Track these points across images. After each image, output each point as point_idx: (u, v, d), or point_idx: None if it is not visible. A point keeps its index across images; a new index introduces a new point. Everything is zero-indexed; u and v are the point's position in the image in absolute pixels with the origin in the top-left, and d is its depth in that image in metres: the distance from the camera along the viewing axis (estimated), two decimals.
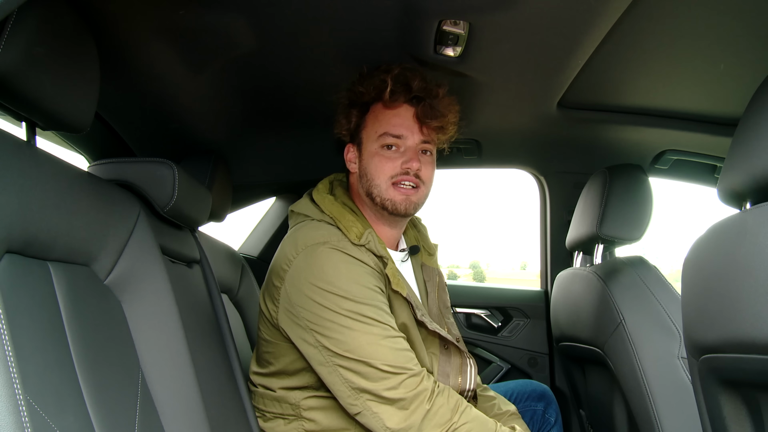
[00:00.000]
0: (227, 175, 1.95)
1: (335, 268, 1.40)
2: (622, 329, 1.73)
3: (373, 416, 1.35)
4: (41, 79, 0.87)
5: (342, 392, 1.37)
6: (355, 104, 1.59)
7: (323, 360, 1.38)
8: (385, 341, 1.37)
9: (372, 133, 1.55)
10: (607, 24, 1.38)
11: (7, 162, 0.79)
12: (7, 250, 0.78)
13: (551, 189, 2.54)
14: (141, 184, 1.27)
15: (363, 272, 1.43)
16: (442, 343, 1.56)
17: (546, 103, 1.90)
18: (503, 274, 9.92)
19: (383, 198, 1.53)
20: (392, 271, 1.48)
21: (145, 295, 1.12)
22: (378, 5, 1.37)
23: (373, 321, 1.38)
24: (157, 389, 1.09)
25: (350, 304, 1.37)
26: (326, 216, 1.52)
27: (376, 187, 1.53)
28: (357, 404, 1.36)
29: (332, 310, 1.37)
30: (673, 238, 5.77)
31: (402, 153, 1.53)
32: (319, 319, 1.38)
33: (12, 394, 0.64)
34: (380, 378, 1.34)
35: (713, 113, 1.98)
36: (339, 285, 1.38)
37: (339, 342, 1.36)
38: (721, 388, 1.03)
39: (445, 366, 1.54)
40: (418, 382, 1.36)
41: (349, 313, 1.37)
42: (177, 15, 1.35)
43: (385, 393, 1.34)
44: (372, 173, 1.54)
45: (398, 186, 1.53)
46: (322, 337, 1.38)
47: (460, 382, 1.55)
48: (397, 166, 1.52)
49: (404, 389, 1.34)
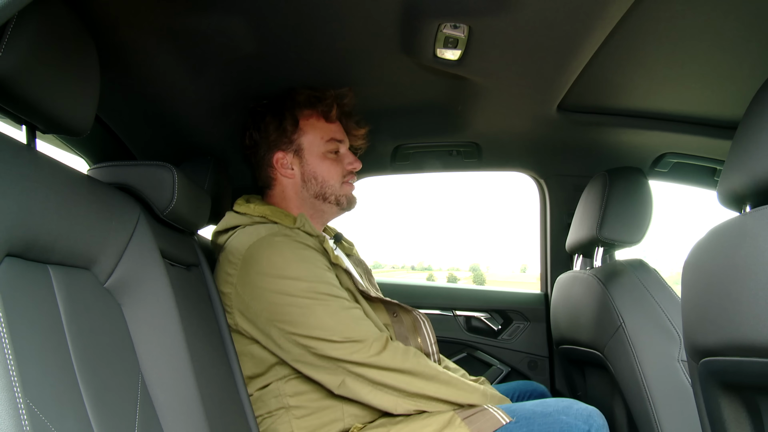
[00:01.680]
0: (227, 178, 1.95)
1: (282, 255, 1.48)
2: (622, 332, 1.73)
3: (356, 379, 1.43)
4: (41, 82, 0.88)
5: (318, 371, 1.44)
6: (287, 116, 1.68)
7: (293, 346, 1.44)
8: (344, 312, 1.46)
9: (316, 140, 1.70)
10: (607, 27, 1.38)
11: (7, 165, 0.79)
12: (7, 254, 0.78)
13: (551, 192, 2.54)
14: (141, 188, 1.27)
15: (308, 254, 1.51)
16: (389, 311, 1.63)
17: (546, 106, 1.90)
18: (503, 277, 9.93)
19: (338, 195, 1.71)
20: (329, 246, 1.57)
21: (145, 299, 1.12)
22: (377, 8, 1.38)
23: (328, 296, 1.46)
24: (157, 392, 1.09)
25: (304, 284, 1.45)
26: (257, 218, 1.62)
27: (330, 187, 1.70)
28: (337, 375, 1.43)
29: (289, 294, 1.44)
30: (673, 241, 5.77)
31: (342, 156, 1.74)
32: (277, 307, 1.45)
33: (12, 398, 0.63)
34: (349, 346, 1.42)
35: (713, 116, 1.98)
36: (289, 269, 1.46)
37: (301, 324, 1.43)
38: (721, 391, 1.03)
39: (401, 329, 1.61)
40: (385, 341, 1.45)
41: (305, 293, 1.44)
42: (177, 18, 1.35)
43: (357, 358, 1.42)
44: (324, 175, 1.70)
45: (348, 183, 1.74)
46: (283, 323, 1.44)
47: (420, 342, 1.60)
48: (343, 167, 1.72)
49: (375, 350, 1.43)
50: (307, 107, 1.69)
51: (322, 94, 1.69)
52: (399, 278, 5.52)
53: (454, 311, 2.57)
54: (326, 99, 1.69)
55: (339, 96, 1.72)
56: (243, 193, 1.74)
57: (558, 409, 1.43)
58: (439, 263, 10.15)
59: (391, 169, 2.45)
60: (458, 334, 2.53)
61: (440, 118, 2.07)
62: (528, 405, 1.47)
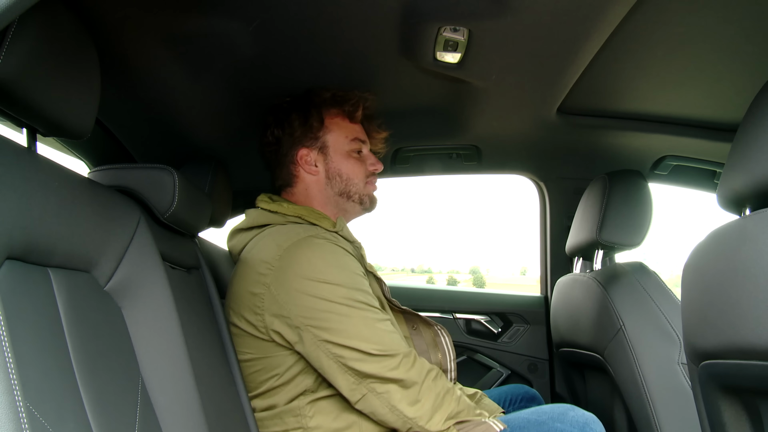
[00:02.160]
0: (227, 181, 1.95)
1: (323, 259, 1.44)
2: (622, 335, 1.73)
3: (378, 397, 1.38)
4: (42, 85, 0.88)
5: (344, 381, 1.39)
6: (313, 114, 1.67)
7: (323, 355, 1.39)
8: (379, 324, 1.42)
9: (341, 138, 1.69)
10: (607, 30, 1.39)
11: (7, 168, 0.79)
12: (8, 257, 0.78)
13: (551, 194, 2.54)
14: (141, 191, 1.27)
15: (347, 259, 1.48)
16: (409, 324, 1.61)
17: (545, 109, 1.90)
18: (503, 280, 9.91)
19: (362, 194, 1.70)
20: (365, 253, 1.57)
21: (145, 302, 1.11)
22: (377, 11, 1.38)
23: (365, 306, 1.42)
24: (157, 395, 1.09)
25: (343, 290, 1.41)
26: (291, 217, 1.58)
27: (354, 185, 1.68)
28: (359, 389, 1.38)
29: (328, 300, 1.40)
30: (673, 243, 5.77)
31: (365, 157, 1.73)
32: (314, 312, 1.40)
33: (12, 401, 0.63)
34: (380, 360, 1.38)
35: (713, 119, 1.98)
36: (330, 274, 1.42)
37: (338, 331, 1.38)
38: (721, 394, 1.03)
39: (420, 343, 1.59)
40: (413, 360, 1.41)
41: (344, 300, 1.40)
42: (177, 22, 1.36)
43: (388, 373, 1.37)
44: (349, 173, 1.68)
45: (370, 183, 1.73)
46: (319, 330, 1.39)
47: (440, 358, 1.58)
48: (366, 167, 1.72)
49: (404, 368, 1.39)
50: (333, 106, 1.69)
51: (347, 95, 1.69)
52: (399, 281, 5.51)
53: (454, 314, 2.57)
54: (352, 99, 1.69)
55: (363, 98, 1.72)
56: (244, 196, 1.73)
57: (553, 416, 1.41)
58: (439, 266, 10.12)
59: (392, 172, 2.45)
60: (458, 337, 2.53)
61: (440, 121, 2.08)
62: (522, 413, 1.46)
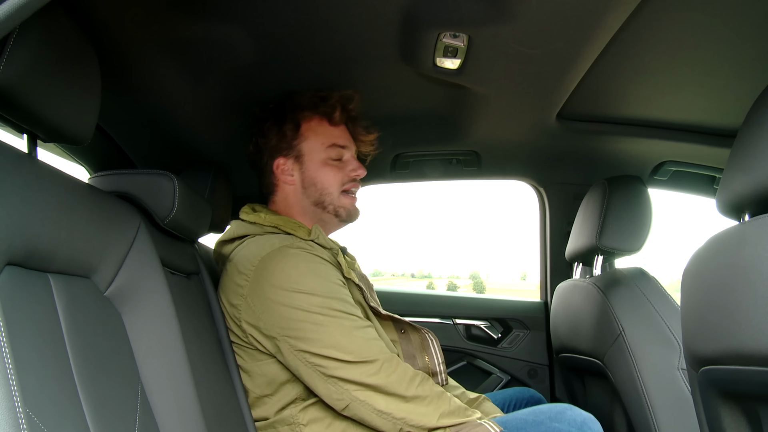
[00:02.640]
0: (227, 186, 1.96)
1: (296, 268, 1.43)
2: (621, 341, 1.73)
3: (361, 404, 1.37)
4: (43, 91, 0.88)
5: (326, 389, 1.39)
6: (289, 121, 1.65)
7: (301, 363, 1.39)
8: (357, 331, 1.41)
9: (317, 145, 1.65)
10: (606, 36, 1.39)
11: (8, 174, 0.80)
12: (8, 262, 0.78)
13: (551, 200, 2.54)
14: (141, 196, 1.27)
15: (323, 267, 1.47)
16: (397, 328, 1.59)
17: (545, 115, 1.90)
18: (503, 285, 9.93)
19: (336, 206, 1.65)
20: (342, 260, 1.53)
21: (145, 307, 1.12)
22: (377, 17, 1.38)
23: (342, 314, 1.41)
24: (156, 401, 1.09)
25: (318, 299, 1.40)
26: (268, 228, 1.57)
27: (328, 195, 1.64)
28: (343, 398, 1.38)
29: (302, 310, 1.39)
30: (673, 249, 5.78)
31: (346, 162, 1.67)
32: (289, 322, 1.40)
33: (12, 407, 0.63)
34: (360, 366, 1.37)
35: (712, 124, 1.99)
36: (304, 283, 1.41)
37: (314, 341, 1.38)
38: (721, 399, 1.03)
39: (408, 347, 1.57)
40: (395, 365, 1.40)
41: (319, 309, 1.39)
42: (178, 28, 1.36)
43: (367, 380, 1.37)
44: (323, 182, 1.64)
45: (347, 194, 1.67)
46: (295, 340, 1.39)
47: (427, 360, 1.56)
48: (345, 174, 1.66)
49: (385, 373, 1.38)
50: (310, 109, 1.65)
51: (326, 95, 1.65)
52: (399, 286, 5.51)
53: (454, 320, 2.57)
54: (330, 100, 1.65)
55: (344, 98, 1.67)
56: (244, 202, 1.73)
57: (551, 416, 1.40)
58: (439, 271, 10.16)
59: (391, 178, 2.45)
60: (458, 343, 2.53)
61: (440, 127, 2.08)
62: (520, 414, 1.45)
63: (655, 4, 1.30)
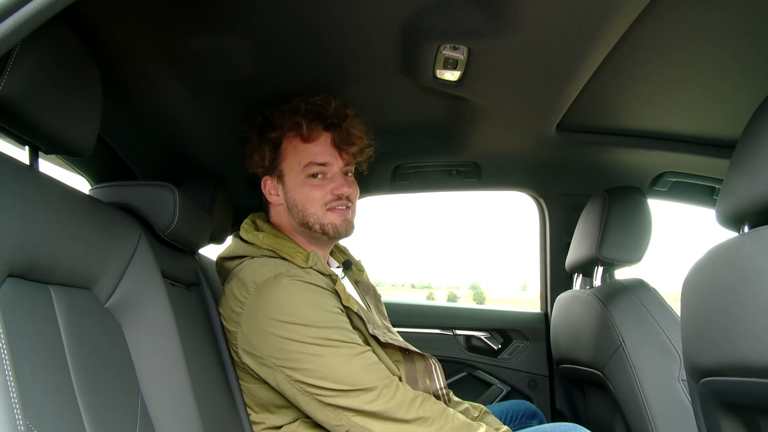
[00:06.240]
0: (228, 197, 1.96)
1: (291, 298, 1.39)
2: (622, 352, 1.73)
3: (361, 430, 1.35)
4: (45, 104, 0.88)
5: (325, 416, 1.37)
6: (266, 141, 1.59)
7: (298, 393, 1.37)
8: (355, 359, 1.38)
9: (295, 164, 1.57)
10: (605, 48, 1.40)
11: (9, 186, 0.80)
12: (9, 274, 0.79)
13: (551, 211, 2.55)
14: (142, 208, 1.27)
15: (320, 296, 1.43)
16: (402, 350, 1.55)
17: (545, 126, 1.91)
18: (503, 295, 9.92)
19: (323, 224, 1.55)
20: (341, 287, 1.48)
21: (145, 319, 1.12)
22: (377, 30, 1.39)
23: (339, 342, 1.38)
24: (156, 412, 1.09)
25: (314, 330, 1.37)
26: (265, 251, 1.53)
27: (311, 215, 1.55)
28: (343, 423, 1.36)
29: (297, 341, 1.36)
30: (673, 259, 5.77)
31: (329, 179, 1.56)
32: (285, 353, 1.37)
33: (12, 420, 0.63)
34: (359, 394, 1.35)
35: (711, 135, 1.99)
36: (299, 314, 1.38)
37: (310, 371, 1.35)
38: (722, 411, 1.03)
39: (412, 371, 1.54)
40: (395, 390, 1.38)
41: (315, 340, 1.36)
42: (178, 41, 1.37)
43: (366, 407, 1.35)
44: (303, 203, 1.56)
45: (334, 210, 1.56)
46: (291, 371, 1.37)
47: (429, 383, 1.54)
48: (327, 192, 1.55)
49: (384, 399, 1.35)
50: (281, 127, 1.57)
51: (296, 106, 1.55)
52: (399, 297, 5.50)
53: (454, 330, 2.56)
54: (297, 114, 1.55)
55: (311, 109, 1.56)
56: (245, 212, 1.72)
57: None
58: (439, 281, 10.15)
59: (391, 189, 2.45)
60: (458, 354, 2.53)
61: (440, 138, 2.09)
62: None
63: (653, 17, 1.31)
